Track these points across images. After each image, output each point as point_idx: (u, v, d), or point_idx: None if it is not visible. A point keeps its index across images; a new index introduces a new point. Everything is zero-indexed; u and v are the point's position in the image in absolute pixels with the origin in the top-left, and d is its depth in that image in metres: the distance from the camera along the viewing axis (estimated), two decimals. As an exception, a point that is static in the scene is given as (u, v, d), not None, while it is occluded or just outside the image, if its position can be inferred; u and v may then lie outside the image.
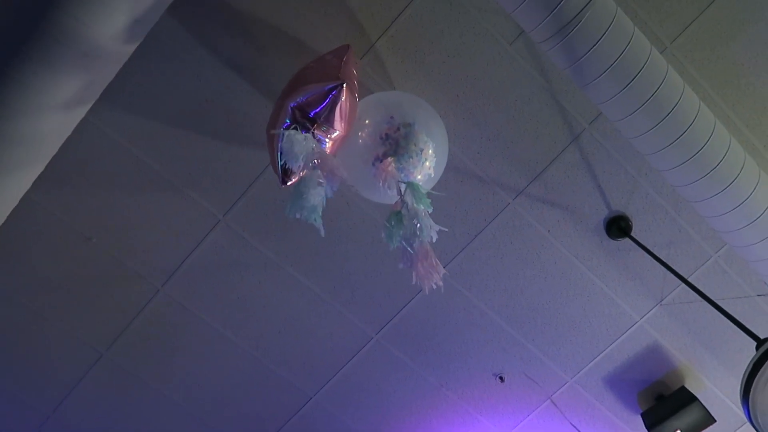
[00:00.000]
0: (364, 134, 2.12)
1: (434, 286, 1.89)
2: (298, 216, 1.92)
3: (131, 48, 1.98)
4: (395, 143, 2.08)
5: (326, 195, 1.97)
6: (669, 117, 1.99)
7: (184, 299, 2.86)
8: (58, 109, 1.91)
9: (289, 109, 1.97)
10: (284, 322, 2.94)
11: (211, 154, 2.58)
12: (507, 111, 2.54)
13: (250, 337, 2.97)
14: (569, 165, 2.65)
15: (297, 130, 1.95)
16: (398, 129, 2.09)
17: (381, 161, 2.07)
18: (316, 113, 1.96)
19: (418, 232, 1.90)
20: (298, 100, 1.97)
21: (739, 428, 3.27)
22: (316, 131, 1.97)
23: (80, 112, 2.04)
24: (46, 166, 2.19)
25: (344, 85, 1.95)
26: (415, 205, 1.98)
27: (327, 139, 2.02)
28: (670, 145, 2.03)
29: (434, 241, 1.92)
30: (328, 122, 1.98)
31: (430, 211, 2.00)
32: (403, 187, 2.04)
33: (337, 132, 2.03)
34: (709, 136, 2.04)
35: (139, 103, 2.47)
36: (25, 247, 2.68)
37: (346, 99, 1.97)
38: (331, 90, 1.95)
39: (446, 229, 2.03)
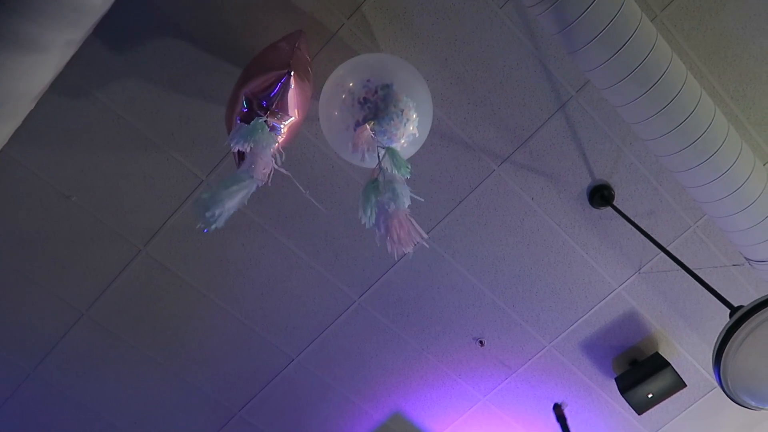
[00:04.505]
0: (343, 100, 2.09)
1: (405, 252, 1.91)
2: (208, 215, 1.99)
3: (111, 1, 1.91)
4: (374, 107, 2.05)
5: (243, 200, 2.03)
6: (656, 85, 1.99)
7: (166, 260, 2.84)
8: (35, 62, 1.85)
9: (243, 97, 2.00)
10: (267, 285, 2.95)
11: (194, 113, 2.53)
12: (495, 76, 2.52)
13: (232, 298, 2.98)
14: (555, 133, 2.65)
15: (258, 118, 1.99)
16: (376, 92, 2.05)
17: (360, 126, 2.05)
18: (267, 101, 1.99)
19: (393, 200, 1.92)
20: (250, 88, 2.00)
21: (707, 393, 3.38)
22: (270, 118, 2.00)
23: (58, 66, 1.98)
24: (24, 122, 2.13)
25: (292, 74, 1.98)
26: (393, 171, 1.99)
27: (282, 126, 2.05)
28: (657, 114, 2.04)
29: (406, 207, 1.93)
30: (281, 109, 2.01)
31: (407, 177, 2.00)
32: (381, 152, 2.02)
33: (292, 118, 2.06)
34: (694, 106, 2.04)
35: (120, 59, 2.40)
36: (2, 204, 2.63)
37: (296, 86, 2.00)
38: (279, 78, 1.98)
39: (421, 199, 2.03)
